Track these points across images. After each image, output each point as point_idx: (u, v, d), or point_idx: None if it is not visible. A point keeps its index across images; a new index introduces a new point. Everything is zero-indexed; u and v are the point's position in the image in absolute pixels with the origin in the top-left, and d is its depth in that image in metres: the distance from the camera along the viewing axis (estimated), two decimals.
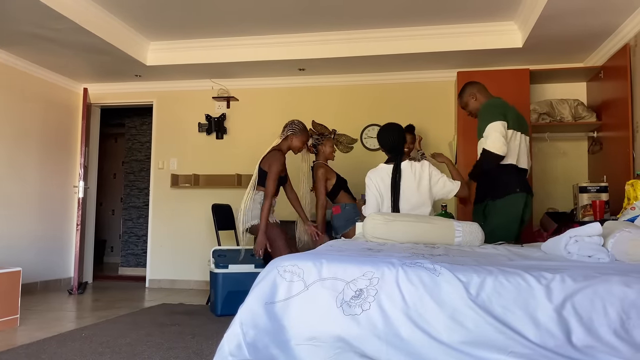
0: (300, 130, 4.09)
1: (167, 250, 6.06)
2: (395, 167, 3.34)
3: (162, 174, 6.13)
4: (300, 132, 4.09)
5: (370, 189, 3.38)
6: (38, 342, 3.20)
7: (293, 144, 4.10)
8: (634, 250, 1.91)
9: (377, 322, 1.61)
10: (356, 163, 5.67)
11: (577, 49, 4.84)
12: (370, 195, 3.38)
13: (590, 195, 4.00)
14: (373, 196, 3.36)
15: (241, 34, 5.13)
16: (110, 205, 9.15)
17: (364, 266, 1.73)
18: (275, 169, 3.91)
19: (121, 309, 4.52)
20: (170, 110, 6.19)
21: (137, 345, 3.13)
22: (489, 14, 4.58)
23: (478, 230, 2.76)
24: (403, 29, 4.92)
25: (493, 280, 1.62)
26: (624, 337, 1.49)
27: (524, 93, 4.89)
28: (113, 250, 9.03)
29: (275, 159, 3.94)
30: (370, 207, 3.36)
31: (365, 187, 3.42)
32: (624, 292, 1.54)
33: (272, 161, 3.94)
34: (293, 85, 5.90)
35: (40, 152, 5.67)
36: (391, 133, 3.42)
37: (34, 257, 5.56)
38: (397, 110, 5.59)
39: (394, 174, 3.31)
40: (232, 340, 1.66)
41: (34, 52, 5.12)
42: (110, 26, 4.72)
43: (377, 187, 3.36)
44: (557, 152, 5.27)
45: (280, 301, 1.70)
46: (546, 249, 2.33)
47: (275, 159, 3.94)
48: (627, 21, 4.16)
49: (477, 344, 1.52)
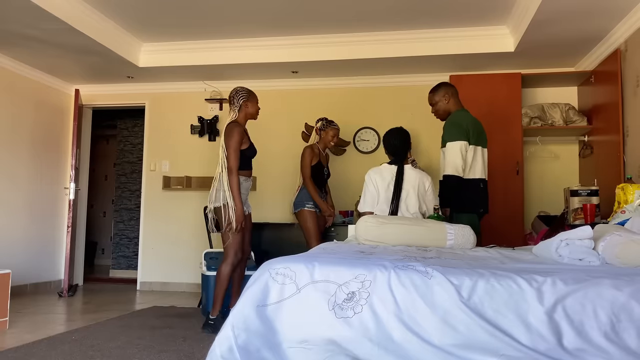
0: (249, 94, 3.84)
1: (159, 252, 6.03)
2: (398, 169, 3.39)
3: (154, 176, 6.11)
4: (250, 94, 3.85)
5: (368, 187, 3.43)
6: (27, 345, 3.17)
7: (249, 110, 3.83)
8: (624, 253, 1.92)
9: (369, 325, 1.61)
10: (349, 166, 5.68)
11: (569, 53, 4.88)
12: (368, 192, 3.43)
13: (581, 198, 4.02)
14: (370, 193, 3.42)
15: (234, 36, 5.13)
16: (101, 207, 9.10)
17: (356, 269, 1.73)
18: (233, 143, 3.64)
19: (112, 311, 4.49)
20: (162, 112, 6.16)
21: (127, 349, 3.11)
22: (482, 19, 4.61)
23: (470, 234, 2.76)
24: (396, 33, 4.93)
25: (485, 283, 1.63)
26: (615, 340, 1.49)
27: (515, 97, 4.92)
28: (104, 253, 8.98)
29: (231, 134, 3.67)
30: (366, 203, 3.42)
31: (364, 184, 3.47)
32: (614, 296, 1.55)
33: (229, 136, 3.68)
34: (286, 88, 5.90)
35: (31, 153, 5.63)
36: (396, 137, 3.49)
37: (24, 259, 5.51)
38: (390, 114, 5.61)
39: (398, 177, 3.36)
40: (224, 343, 1.65)
41: (25, 53, 5.09)
42: (102, 27, 4.70)
43: (375, 184, 3.40)
44: (548, 156, 5.30)
45: (272, 304, 1.69)
46: (537, 252, 2.34)
47: (231, 134, 3.67)
48: (617, 26, 4.20)
49: (469, 347, 1.53)
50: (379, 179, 3.40)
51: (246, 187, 3.83)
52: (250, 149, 3.81)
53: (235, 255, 3.70)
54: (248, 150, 3.77)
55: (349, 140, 5.72)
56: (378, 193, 3.39)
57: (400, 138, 3.49)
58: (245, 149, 3.74)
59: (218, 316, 3.68)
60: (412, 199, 3.32)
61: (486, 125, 4.90)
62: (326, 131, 4.62)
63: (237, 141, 3.66)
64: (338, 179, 5.65)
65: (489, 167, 4.85)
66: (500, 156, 4.89)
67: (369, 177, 3.45)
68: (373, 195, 3.40)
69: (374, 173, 3.45)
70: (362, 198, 3.46)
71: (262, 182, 5.84)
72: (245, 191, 3.83)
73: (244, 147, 3.73)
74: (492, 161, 4.87)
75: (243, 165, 3.75)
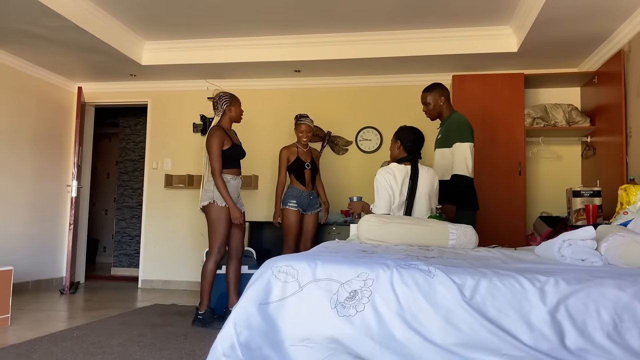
0: (232, 98, 3.99)
1: (160, 250, 6.04)
2: (413, 168, 3.22)
3: (156, 174, 6.11)
4: (233, 99, 4.00)
5: (383, 188, 3.19)
6: (29, 342, 3.17)
7: (233, 114, 3.99)
8: (627, 254, 1.92)
9: (371, 324, 1.61)
10: (351, 165, 5.68)
11: (572, 54, 4.87)
12: (382, 194, 3.19)
13: (583, 199, 4.01)
14: (385, 195, 3.18)
15: (237, 34, 5.13)
16: (103, 205, 9.11)
17: (358, 267, 1.73)
18: (214, 147, 3.80)
19: (113, 309, 4.50)
20: (164, 110, 6.17)
21: (129, 346, 3.11)
22: (485, 19, 4.60)
23: (472, 233, 2.76)
24: (399, 32, 4.93)
25: (487, 283, 1.63)
26: (617, 340, 1.49)
27: (518, 97, 4.91)
28: (105, 250, 8.99)
29: (211, 138, 3.84)
30: (382, 206, 3.18)
31: (375, 186, 3.22)
32: (617, 296, 1.55)
33: (209, 140, 3.84)
34: (288, 87, 5.90)
35: (33, 150, 5.64)
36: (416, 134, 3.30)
37: (26, 257, 5.52)
38: (392, 113, 5.61)
39: (413, 176, 3.19)
40: (226, 340, 1.65)
41: (28, 50, 5.09)
42: (105, 25, 4.70)
43: (389, 185, 3.18)
44: (551, 157, 5.30)
45: (274, 302, 1.69)
46: (540, 252, 2.34)
47: (211, 138, 3.84)
48: (621, 27, 4.19)
49: (471, 346, 1.53)
50: (392, 179, 3.20)
51: (234, 186, 3.94)
52: (233, 148, 3.93)
53: (219, 252, 3.84)
54: (229, 150, 3.90)
55: (351, 139, 5.72)
56: (393, 194, 3.19)
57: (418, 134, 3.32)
58: (227, 149, 3.88)
59: (206, 311, 3.83)
60: (423, 199, 3.22)
61: (489, 125, 4.92)
62: (297, 127, 4.67)
63: (217, 144, 3.83)
64: (340, 178, 5.65)
65: (491, 167, 4.87)
66: (502, 156, 4.88)
67: (382, 177, 3.21)
68: (388, 196, 3.18)
69: (386, 173, 3.22)
70: (377, 200, 3.22)
71: (264, 180, 5.84)
72: (235, 189, 3.95)
73: (225, 147, 3.87)
74: (494, 161, 4.88)
75: (228, 165, 3.90)
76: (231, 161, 3.92)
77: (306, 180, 4.66)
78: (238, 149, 3.99)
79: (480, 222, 3.79)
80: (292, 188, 4.66)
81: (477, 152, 4.52)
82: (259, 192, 5.82)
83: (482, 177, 4.72)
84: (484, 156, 4.82)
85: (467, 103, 4.88)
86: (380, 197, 3.20)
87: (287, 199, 4.63)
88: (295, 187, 4.66)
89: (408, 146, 3.27)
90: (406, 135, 3.29)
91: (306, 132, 4.65)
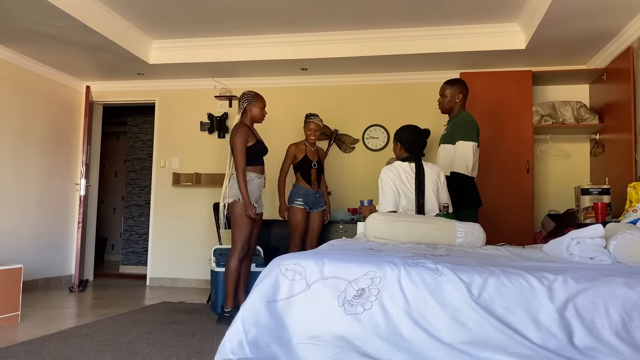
0: (254, 98, 4.01)
1: (168, 248, 6.06)
2: (417, 166, 3.20)
3: (164, 173, 6.14)
4: (255, 99, 4.01)
5: (387, 186, 3.16)
6: (39, 339, 3.20)
7: (253, 114, 4.01)
8: (636, 252, 1.91)
9: (378, 322, 1.61)
10: (358, 163, 5.68)
11: (580, 51, 4.84)
12: (387, 192, 3.16)
13: (592, 197, 3.99)
14: (389, 193, 3.15)
15: (244, 33, 5.13)
16: (111, 203, 9.16)
17: (366, 265, 1.73)
18: (238, 144, 3.83)
19: (122, 307, 4.53)
20: (172, 108, 6.19)
21: (137, 343, 3.13)
22: (492, 16, 4.58)
23: (480, 231, 2.75)
24: (406, 30, 4.92)
25: (495, 281, 1.62)
26: (626, 339, 1.49)
27: (526, 94, 4.89)
28: (114, 249, 9.04)
29: (235, 134, 3.87)
30: (387, 204, 3.15)
31: (380, 185, 3.21)
32: (626, 294, 1.54)
33: (234, 137, 3.87)
34: (295, 85, 5.90)
35: (42, 149, 5.68)
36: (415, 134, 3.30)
37: (35, 254, 5.56)
38: (399, 111, 5.59)
39: (418, 174, 3.18)
40: (234, 338, 1.66)
41: (36, 50, 5.12)
42: (113, 24, 4.72)
43: (393, 183, 3.16)
44: (559, 154, 5.27)
45: (282, 300, 1.70)
46: (548, 250, 2.33)
47: (235, 135, 3.87)
48: (630, 24, 4.15)
49: (479, 344, 1.52)
50: (395, 177, 3.19)
51: (257, 184, 3.97)
52: (257, 145, 3.95)
53: (242, 249, 3.88)
54: (254, 146, 3.92)
55: (358, 137, 5.72)
56: (398, 192, 3.17)
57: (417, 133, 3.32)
58: (251, 146, 3.89)
59: (233, 308, 3.86)
60: (431, 196, 3.20)
61: (496, 123, 4.91)
62: (306, 125, 4.70)
63: (241, 141, 3.84)
64: (347, 176, 5.65)
65: (499, 165, 4.85)
66: (510, 154, 4.86)
67: (385, 176, 3.20)
68: (393, 194, 3.16)
69: (389, 171, 3.21)
70: (382, 199, 3.20)
71: (272, 179, 5.84)
72: (257, 188, 3.97)
73: (250, 144, 3.89)
74: (502, 159, 4.86)
75: (252, 162, 3.91)
76: (255, 158, 3.94)
77: (312, 179, 4.67)
78: (261, 145, 4.02)
79: (487, 220, 3.78)
80: (298, 186, 4.67)
81: (484, 150, 4.52)
82: (266, 191, 5.81)
83: (489, 175, 4.72)
84: (492, 154, 4.80)
85: (475, 100, 4.86)
86: (385, 195, 3.18)
87: (293, 197, 4.65)
88: (301, 185, 4.67)
89: (408, 147, 3.30)
90: (405, 136, 3.31)
91: (314, 131, 4.67)
